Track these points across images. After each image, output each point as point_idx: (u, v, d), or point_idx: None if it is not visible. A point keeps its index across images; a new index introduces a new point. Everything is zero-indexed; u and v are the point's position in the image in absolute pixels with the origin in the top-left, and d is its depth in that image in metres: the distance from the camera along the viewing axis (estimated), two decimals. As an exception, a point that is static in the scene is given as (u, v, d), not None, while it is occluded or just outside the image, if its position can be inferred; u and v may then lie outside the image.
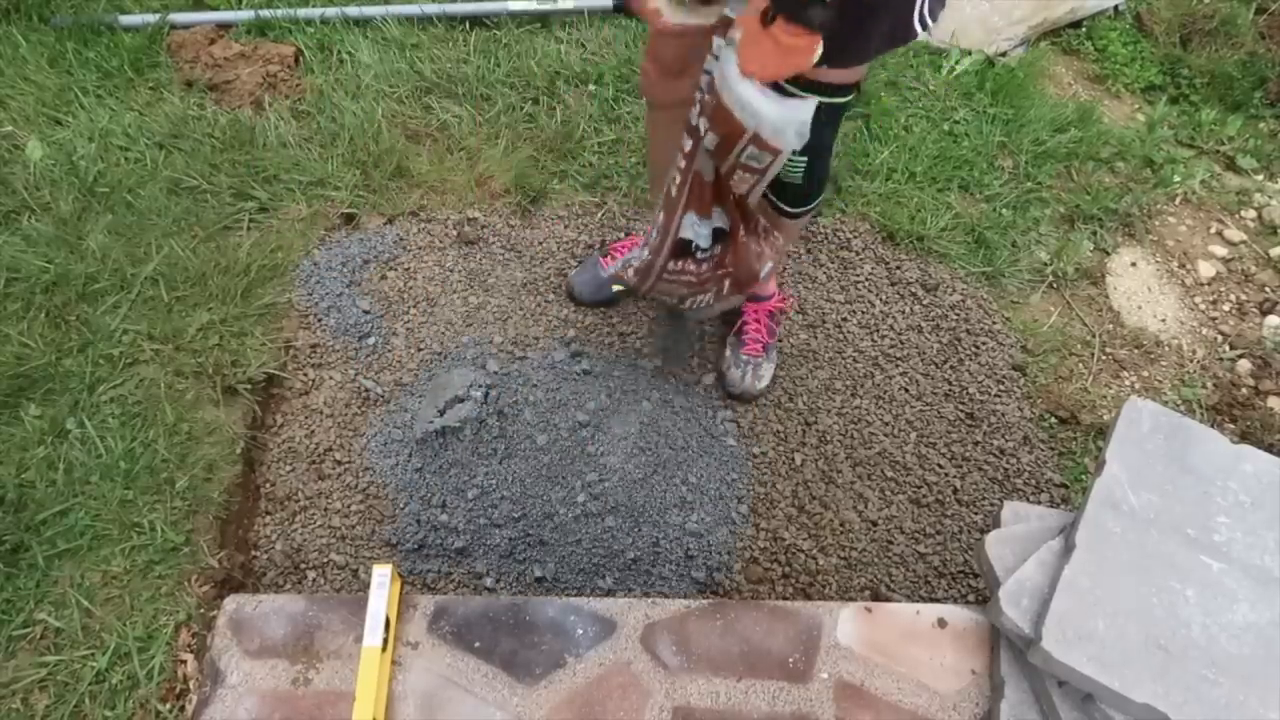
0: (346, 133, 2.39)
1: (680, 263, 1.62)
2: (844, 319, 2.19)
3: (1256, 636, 1.38)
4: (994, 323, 2.22)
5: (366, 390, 2.01)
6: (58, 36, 2.54)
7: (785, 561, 1.84)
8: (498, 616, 1.60)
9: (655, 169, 1.88)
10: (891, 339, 2.18)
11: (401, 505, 1.86)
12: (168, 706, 1.56)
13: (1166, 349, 2.24)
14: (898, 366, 2.14)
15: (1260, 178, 2.63)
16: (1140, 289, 2.36)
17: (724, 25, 1.27)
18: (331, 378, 2.03)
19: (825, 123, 1.43)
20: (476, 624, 1.59)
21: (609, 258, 2.13)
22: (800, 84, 1.34)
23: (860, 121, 2.54)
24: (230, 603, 1.62)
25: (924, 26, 1.38)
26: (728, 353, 2.05)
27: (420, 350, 2.08)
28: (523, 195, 2.33)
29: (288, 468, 1.91)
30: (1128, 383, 2.17)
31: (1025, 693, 1.47)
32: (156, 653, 1.60)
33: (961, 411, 2.08)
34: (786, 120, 1.26)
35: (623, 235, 2.30)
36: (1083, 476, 1.98)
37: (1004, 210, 2.41)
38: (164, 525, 1.74)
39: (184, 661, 1.61)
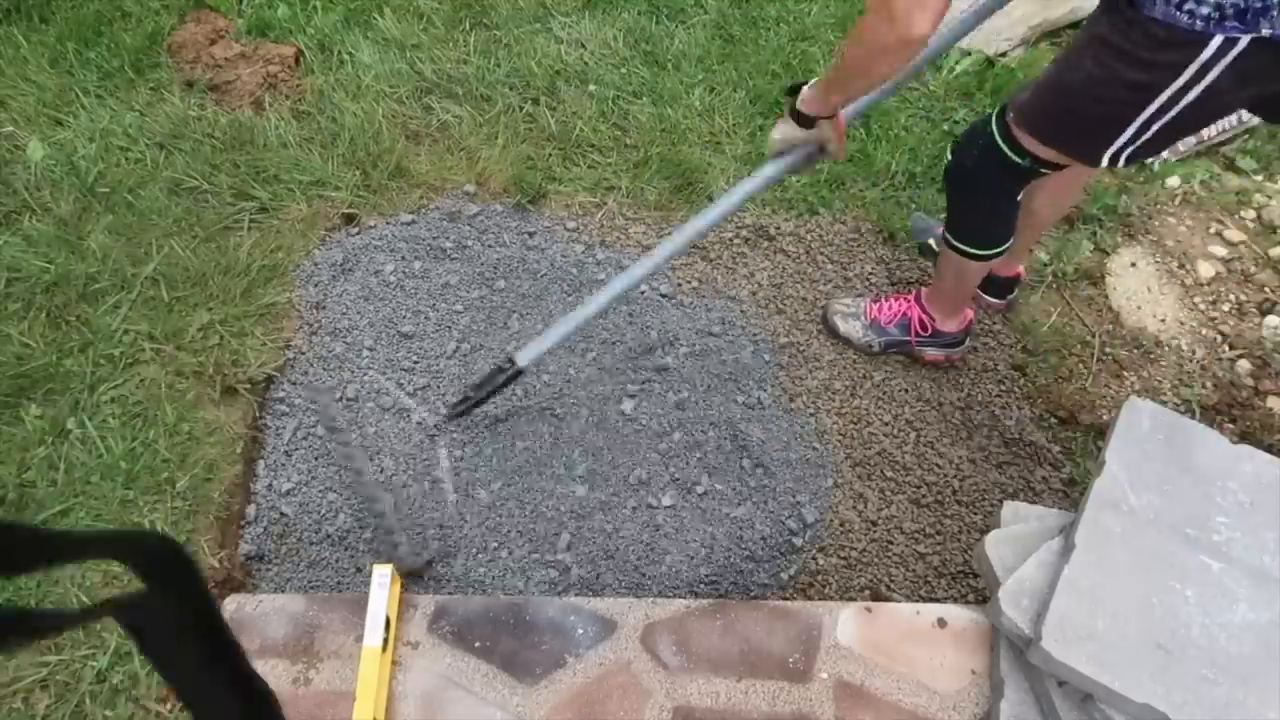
0: (347, 133, 2.39)
1: None
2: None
3: (1256, 636, 1.38)
4: (994, 323, 2.22)
5: (368, 391, 2.01)
6: (58, 36, 2.54)
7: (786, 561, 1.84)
8: (498, 616, 1.60)
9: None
10: (891, 339, 2.18)
11: (405, 505, 1.86)
12: (168, 706, 1.56)
13: (1166, 349, 2.24)
14: (898, 367, 2.13)
15: (1260, 178, 2.63)
16: (1140, 289, 2.36)
17: None
18: (332, 378, 2.03)
19: (983, 161, 1.63)
20: (476, 624, 1.59)
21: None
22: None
23: (860, 121, 2.54)
24: (230, 603, 1.62)
25: (1112, 164, 1.47)
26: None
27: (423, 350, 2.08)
28: (522, 195, 2.33)
29: (288, 468, 1.91)
30: (1128, 383, 2.17)
31: (1025, 693, 1.47)
32: (157, 653, 1.60)
33: (961, 411, 2.08)
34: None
35: (621, 235, 2.30)
36: (1083, 477, 1.98)
37: (1004, 210, 2.41)
38: (164, 525, 1.74)
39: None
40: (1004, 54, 2.77)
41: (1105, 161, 1.46)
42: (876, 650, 1.58)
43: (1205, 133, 2.58)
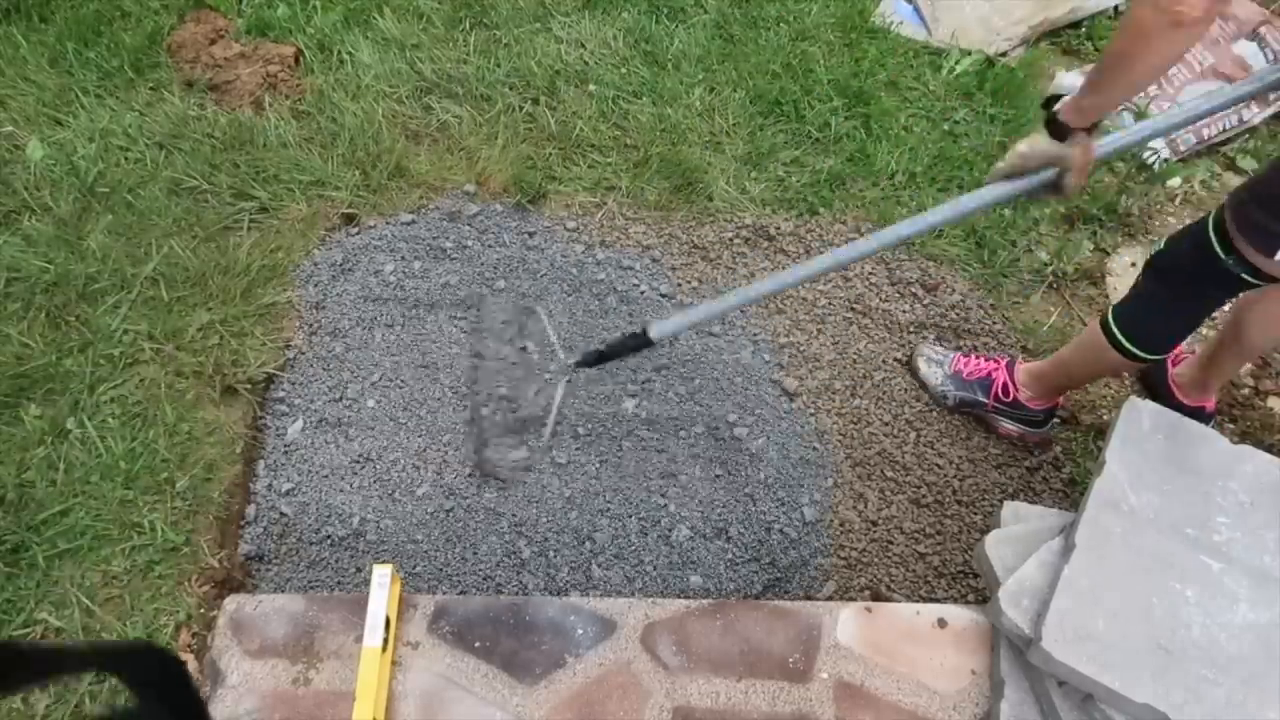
0: (346, 133, 2.39)
1: None
2: (844, 319, 2.19)
3: (1256, 636, 1.38)
4: (994, 323, 2.22)
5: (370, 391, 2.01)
6: (58, 36, 2.54)
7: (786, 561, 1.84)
8: (498, 616, 1.60)
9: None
10: (892, 339, 2.17)
11: (408, 503, 1.86)
12: (168, 706, 1.56)
13: (1166, 349, 2.24)
14: (897, 367, 2.13)
15: (1260, 178, 2.63)
16: (1140, 289, 2.36)
17: None
18: (332, 378, 2.03)
19: (1190, 250, 1.54)
20: (476, 624, 1.59)
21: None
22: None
23: (860, 121, 2.54)
24: (230, 603, 1.62)
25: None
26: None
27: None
28: (522, 195, 2.33)
29: (288, 468, 1.91)
30: (1128, 383, 2.17)
31: (1025, 693, 1.47)
32: (157, 653, 1.60)
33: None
34: None
35: (621, 235, 2.30)
36: (1083, 477, 1.98)
37: (1004, 210, 2.41)
38: (164, 525, 1.74)
39: (184, 661, 1.61)
40: (1004, 54, 2.77)
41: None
42: (876, 650, 1.58)
43: (1205, 132, 2.58)
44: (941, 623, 1.61)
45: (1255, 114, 2.65)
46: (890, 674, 1.55)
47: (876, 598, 1.80)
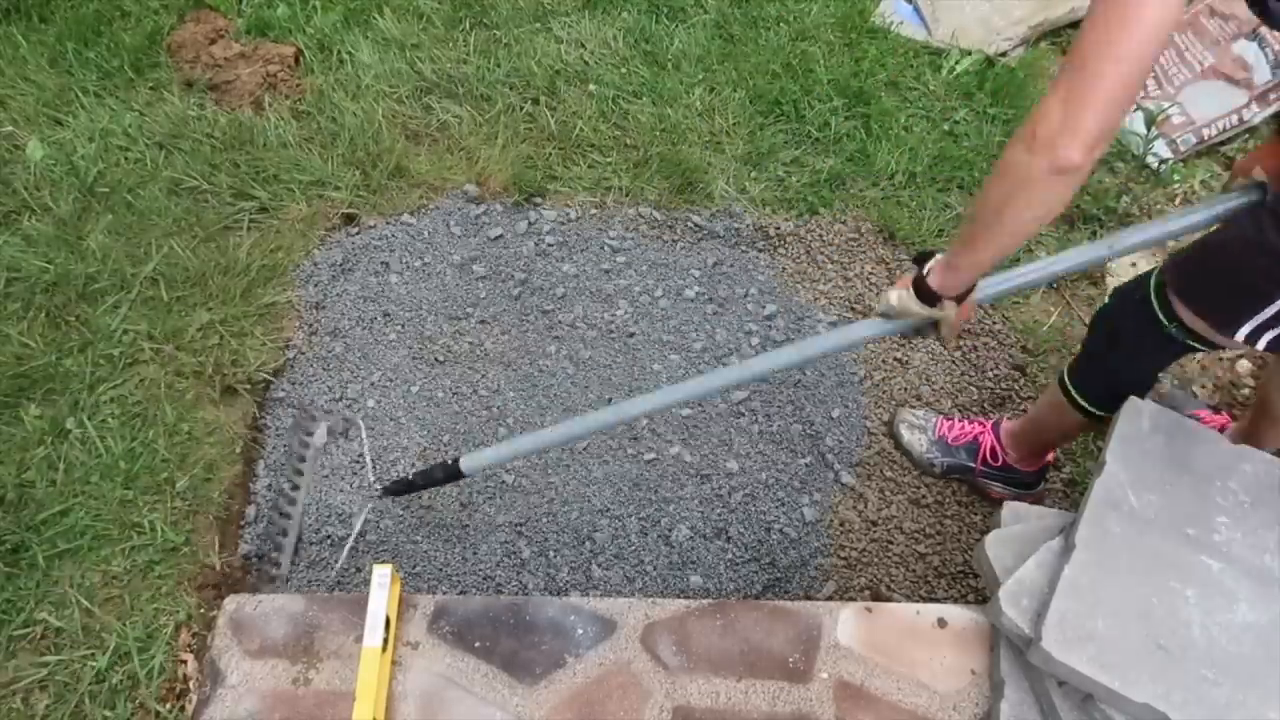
0: (346, 133, 2.39)
1: None
2: (844, 318, 2.19)
3: (1256, 636, 1.38)
4: (994, 323, 2.22)
5: (369, 390, 2.01)
6: (58, 36, 2.54)
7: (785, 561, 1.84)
8: (498, 616, 1.60)
9: None
10: (891, 339, 2.17)
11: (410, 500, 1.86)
12: (168, 706, 1.56)
13: (1166, 349, 2.24)
14: (896, 366, 2.13)
15: (1260, 178, 2.62)
16: (1140, 289, 2.35)
17: None
18: (332, 378, 2.03)
19: (1134, 313, 1.48)
20: (476, 624, 1.59)
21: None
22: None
23: (860, 121, 2.54)
24: (230, 603, 1.62)
25: (1249, 343, 1.33)
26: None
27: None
28: (521, 195, 2.33)
29: (288, 467, 1.91)
30: (1128, 383, 2.17)
31: (1025, 693, 1.47)
32: (156, 653, 1.60)
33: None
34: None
35: (630, 241, 2.30)
36: (1083, 477, 1.98)
37: (1004, 210, 2.40)
38: (164, 525, 1.74)
39: (184, 661, 1.61)
40: (1004, 54, 2.77)
41: (1241, 337, 1.33)
42: (876, 650, 1.58)
43: (1205, 132, 2.58)
44: (941, 623, 1.61)
45: (1255, 114, 2.64)
46: (890, 674, 1.55)
47: (876, 598, 1.80)
